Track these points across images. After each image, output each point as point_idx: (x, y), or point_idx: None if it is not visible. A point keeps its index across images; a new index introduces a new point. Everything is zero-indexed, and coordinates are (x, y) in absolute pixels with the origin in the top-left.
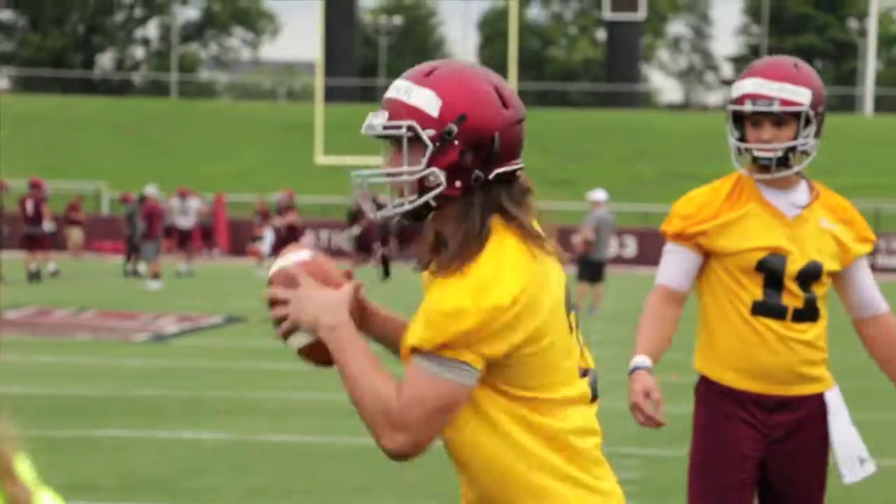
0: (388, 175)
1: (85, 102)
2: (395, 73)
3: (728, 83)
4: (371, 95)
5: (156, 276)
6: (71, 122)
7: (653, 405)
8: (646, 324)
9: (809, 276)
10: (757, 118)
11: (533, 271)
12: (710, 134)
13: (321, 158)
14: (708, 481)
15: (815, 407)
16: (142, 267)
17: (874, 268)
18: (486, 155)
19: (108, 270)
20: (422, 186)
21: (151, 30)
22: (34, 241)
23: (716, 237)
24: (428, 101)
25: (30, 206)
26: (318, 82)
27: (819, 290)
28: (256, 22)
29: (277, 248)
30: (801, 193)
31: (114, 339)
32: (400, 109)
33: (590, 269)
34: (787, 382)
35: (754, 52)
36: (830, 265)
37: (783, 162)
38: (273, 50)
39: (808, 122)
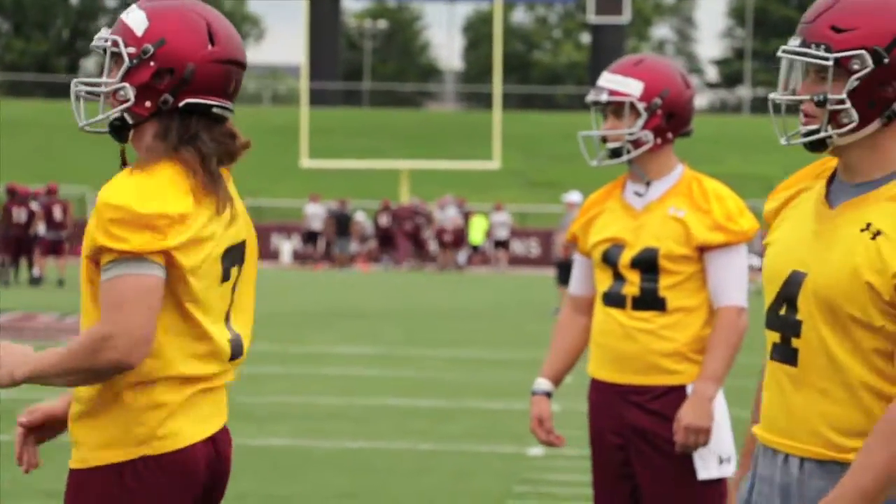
0: (87, 84)
1: (69, 107)
2: (380, 77)
3: (713, 86)
4: (356, 99)
5: None
6: (55, 126)
7: (545, 432)
8: (554, 338)
9: (644, 262)
10: (599, 109)
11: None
12: (695, 136)
13: (306, 162)
14: (594, 472)
15: (675, 399)
16: None
17: None
18: (178, 82)
19: None
20: (117, 101)
21: None
22: (55, 247)
23: (583, 236)
24: (137, 21)
25: (58, 211)
26: (303, 86)
27: (667, 280)
28: (241, 26)
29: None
30: (665, 184)
31: None
32: (117, 25)
33: (566, 272)
34: (638, 371)
35: (738, 55)
36: (672, 249)
37: (620, 152)
38: (258, 54)
39: (638, 113)
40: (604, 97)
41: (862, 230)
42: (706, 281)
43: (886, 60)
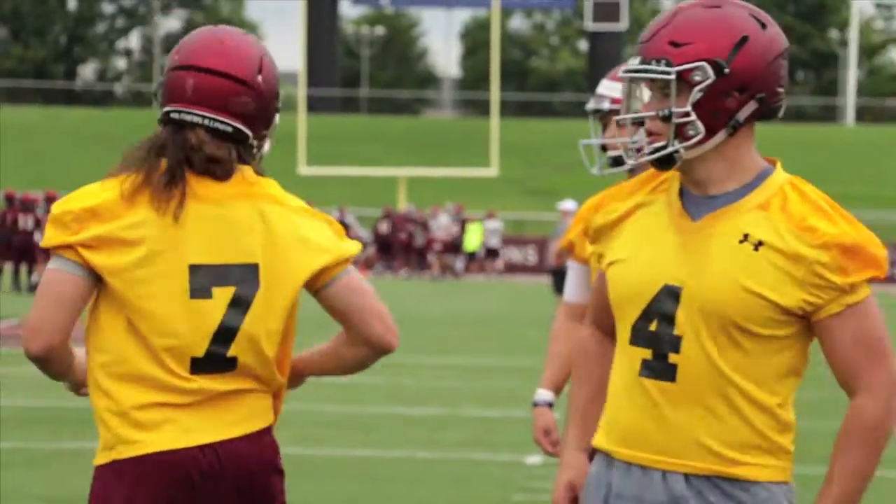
0: None
1: (67, 113)
2: (377, 84)
3: None
4: (353, 106)
5: None
6: (53, 132)
7: (551, 444)
8: (550, 348)
9: None
10: (599, 118)
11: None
12: None
13: (304, 169)
14: None
15: None
16: None
17: None
18: (162, 92)
19: None
20: None
21: (133, 41)
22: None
23: (581, 243)
24: None
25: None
26: (301, 93)
27: None
28: None
29: None
30: None
31: None
32: None
33: (561, 280)
34: None
35: None
36: None
37: (622, 161)
38: None
39: (642, 122)
40: (606, 105)
41: (740, 241)
42: None
43: (727, 71)
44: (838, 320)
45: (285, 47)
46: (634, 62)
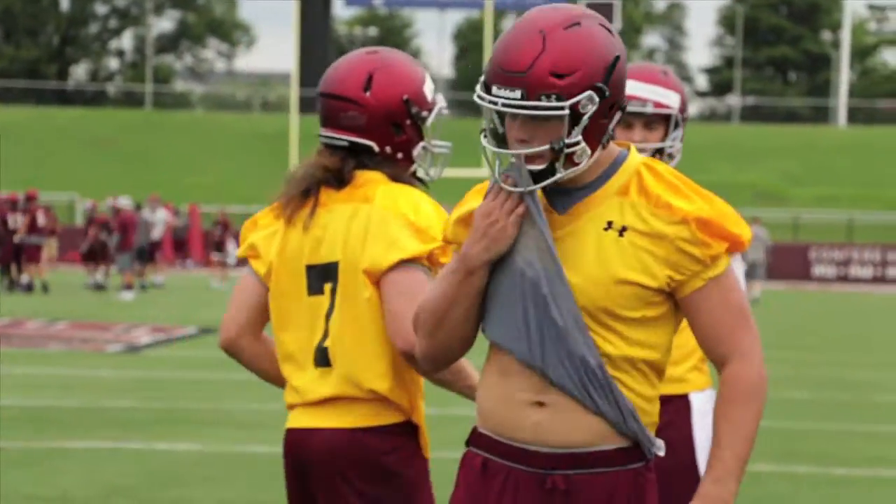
0: None
1: (59, 113)
2: None
3: (703, 95)
4: None
5: (129, 286)
6: (45, 133)
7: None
8: None
9: None
10: (629, 119)
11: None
12: (685, 145)
13: None
14: None
15: (677, 408)
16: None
17: (846, 279)
18: None
19: (82, 281)
20: None
21: (126, 41)
22: (34, 253)
23: None
24: None
25: (41, 217)
26: (293, 93)
27: None
28: (231, 33)
29: None
30: None
31: (87, 350)
32: None
33: None
34: None
35: (728, 63)
36: None
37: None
38: (248, 61)
39: (676, 125)
40: (649, 109)
41: (605, 229)
42: None
43: (608, 93)
44: (702, 294)
45: (278, 48)
46: (513, 95)
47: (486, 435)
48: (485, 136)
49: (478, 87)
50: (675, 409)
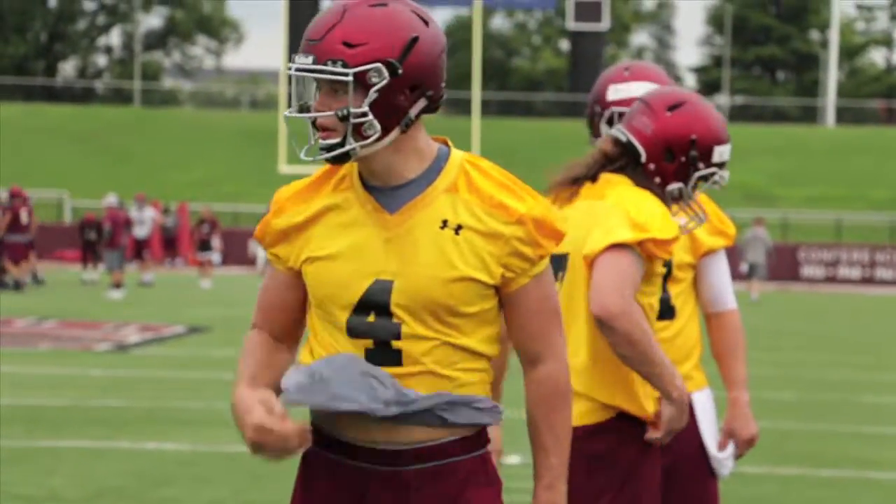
0: None
1: (47, 110)
2: None
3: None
4: None
5: (118, 285)
6: (33, 129)
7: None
8: None
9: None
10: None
11: None
12: None
13: (284, 168)
14: None
15: None
16: (88, 274)
17: (836, 279)
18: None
19: (70, 280)
20: None
21: (114, 38)
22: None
23: None
24: None
25: (24, 215)
26: (282, 91)
27: (675, 288)
28: (220, 30)
29: None
30: None
31: (76, 348)
32: None
33: None
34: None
35: (717, 62)
36: (682, 258)
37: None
38: (237, 58)
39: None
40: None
41: (441, 228)
42: (703, 286)
43: (401, 71)
44: (525, 291)
45: (267, 45)
46: (306, 61)
47: (330, 435)
48: (289, 110)
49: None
50: None
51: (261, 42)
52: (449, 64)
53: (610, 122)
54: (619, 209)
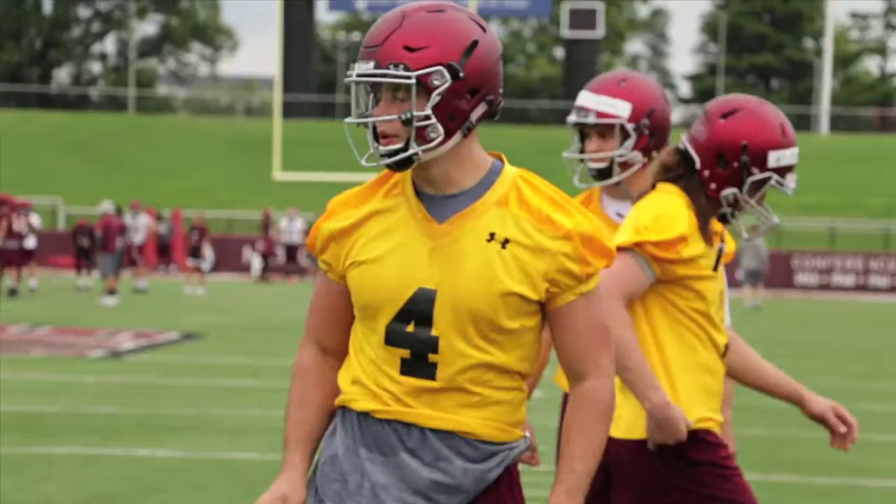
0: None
1: (42, 117)
2: None
3: (686, 102)
4: (329, 111)
5: (112, 292)
6: (27, 136)
7: (529, 456)
8: None
9: None
10: (583, 129)
11: None
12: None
13: (279, 174)
14: None
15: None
16: (82, 281)
17: (830, 287)
18: None
19: (64, 286)
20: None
21: (109, 45)
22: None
23: None
24: None
25: (20, 222)
26: (277, 98)
27: None
28: (214, 37)
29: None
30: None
31: (69, 355)
32: None
33: None
34: (619, 386)
35: (711, 70)
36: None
37: (608, 173)
38: (231, 66)
39: (626, 134)
40: (591, 119)
41: (488, 241)
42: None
43: (462, 74)
44: (572, 308)
45: (261, 53)
46: (367, 66)
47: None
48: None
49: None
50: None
51: (255, 49)
52: None
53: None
54: (632, 214)
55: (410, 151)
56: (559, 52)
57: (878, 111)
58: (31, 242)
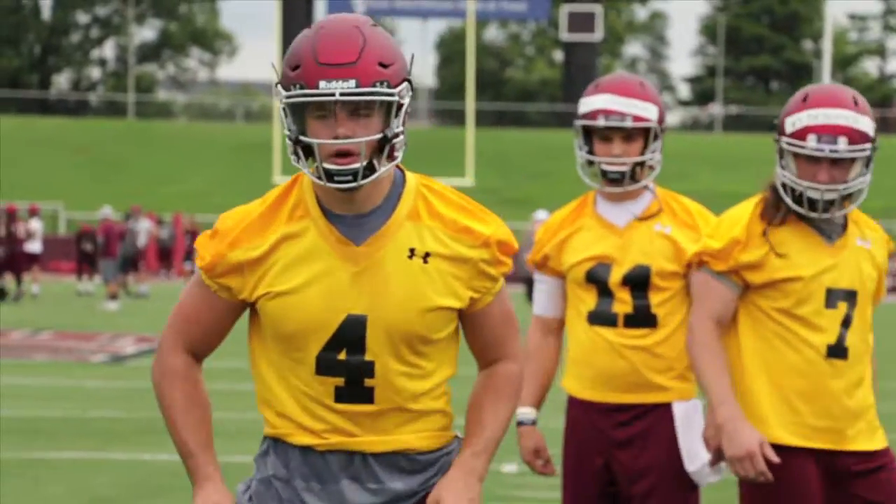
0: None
1: (41, 123)
2: None
3: (685, 104)
4: None
5: (113, 296)
6: (27, 142)
7: (542, 462)
8: (527, 364)
9: (635, 280)
10: (608, 133)
11: None
12: (667, 154)
13: (279, 178)
14: (566, 492)
15: (662, 416)
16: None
17: None
18: None
19: (65, 291)
20: None
21: (108, 50)
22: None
23: (557, 256)
24: None
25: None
26: (276, 102)
27: (657, 296)
28: (213, 42)
29: None
30: (640, 203)
31: (71, 360)
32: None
33: (532, 289)
34: (628, 389)
35: (710, 72)
36: (664, 266)
37: (631, 176)
38: (230, 70)
39: (655, 137)
40: (628, 123)
41: (409, 257)
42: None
43: (413, 87)
44: (489, 308)
45: (260, 57)
46: (346, 85)
47: None
48: (294, 142)
49: (284, 90)
50: (657, 418)
51: (254, 54)
52: (443, 75)
53: (585, 134)
54: (709, 218)
55: (381, 170)
56: (558, 55)
57: (877, 112)
58: (35, 246)
